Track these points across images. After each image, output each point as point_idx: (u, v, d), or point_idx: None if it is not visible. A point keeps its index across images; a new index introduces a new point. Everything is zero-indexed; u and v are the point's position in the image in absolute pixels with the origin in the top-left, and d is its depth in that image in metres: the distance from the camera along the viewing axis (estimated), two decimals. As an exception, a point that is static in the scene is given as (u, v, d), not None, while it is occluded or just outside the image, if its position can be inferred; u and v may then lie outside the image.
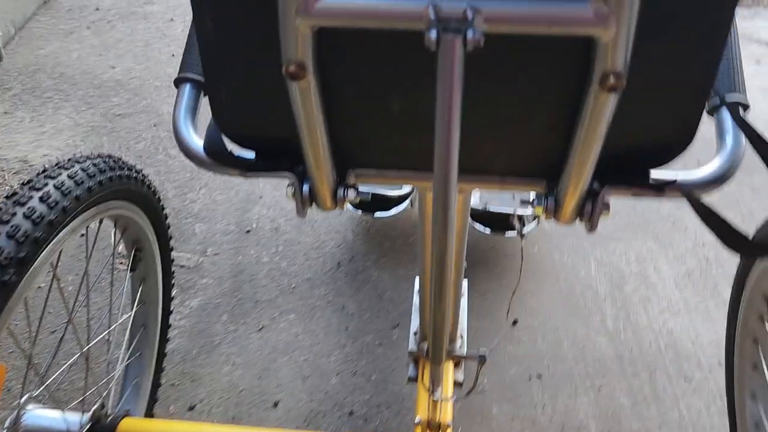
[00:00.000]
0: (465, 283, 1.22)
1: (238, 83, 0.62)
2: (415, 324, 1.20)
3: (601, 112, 0.54)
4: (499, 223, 1.54)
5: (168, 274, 1.14)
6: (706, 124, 0.66)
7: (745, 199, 1.85)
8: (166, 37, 2.53)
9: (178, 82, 0.77)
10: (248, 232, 1.76)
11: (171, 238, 1.12)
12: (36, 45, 2.47)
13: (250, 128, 0.67)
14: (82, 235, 0.92)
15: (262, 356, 1.46)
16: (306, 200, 0.70)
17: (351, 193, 0.71)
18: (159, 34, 2.55)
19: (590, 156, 0.60)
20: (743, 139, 0.69)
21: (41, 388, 0.91)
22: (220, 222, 1.78)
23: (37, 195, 0.74)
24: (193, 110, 0.76)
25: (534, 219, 1.57)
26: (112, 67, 2.36)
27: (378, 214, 1.63)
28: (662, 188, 0.65)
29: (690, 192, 0.68)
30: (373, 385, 1.40)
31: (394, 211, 1.63)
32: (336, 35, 0.56)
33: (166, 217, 1.08)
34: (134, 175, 0.92)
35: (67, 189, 0.76)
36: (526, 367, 1.42)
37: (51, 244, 0.74)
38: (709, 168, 0.69)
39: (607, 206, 0.67)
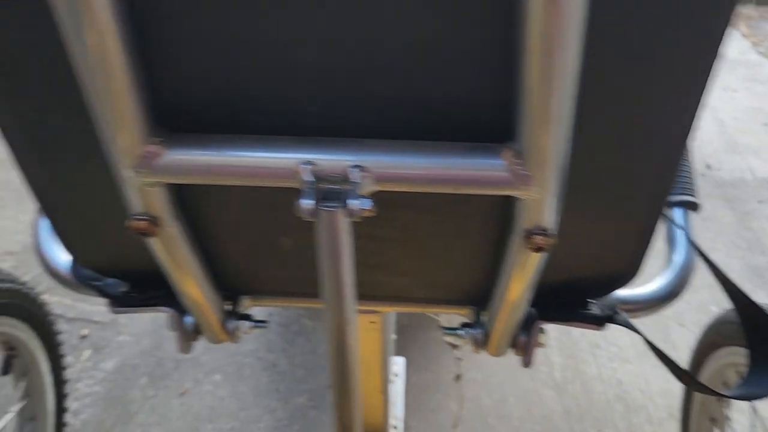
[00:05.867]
0: (401, 361, 1.11)
1: (82, 218, 0.49)
2: None
3: (525, 268, 0.44)
4: None
5: (58, 361, 1.00)
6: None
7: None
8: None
9: None
10: (171, 278, 1.61)
11: (56, 330, 0.98)
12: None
13: (110, 260, 0.54)
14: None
15: (184, 425, 1.32)
16: (190, 335, 0.58)
17: (245, 325, 0.59)
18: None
19: (519, 299, 0.50)
20: (693, 253, 0.61)
21: None
22: (141, 268, 1.63)
23: None
24: None
25: None
26: None
27: None
28: (603, 322, 0.55)
29: (636, 316, 0.59)
30: (306, 456, 1.29)
31: None
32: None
33: (47, 313, 0.93)
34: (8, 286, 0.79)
35: None
36: (470, 428, 1.32)
37: None
38: (657, 285, 0.61)
39: (541, 341, 0.57)
